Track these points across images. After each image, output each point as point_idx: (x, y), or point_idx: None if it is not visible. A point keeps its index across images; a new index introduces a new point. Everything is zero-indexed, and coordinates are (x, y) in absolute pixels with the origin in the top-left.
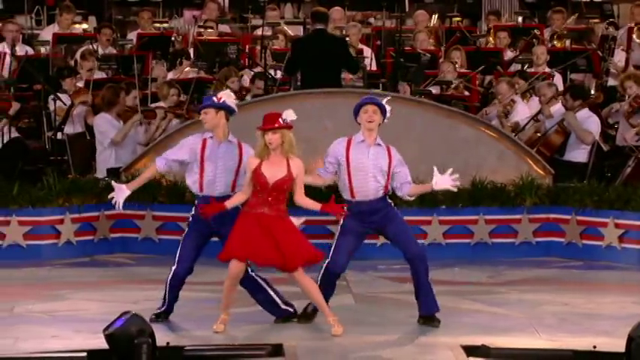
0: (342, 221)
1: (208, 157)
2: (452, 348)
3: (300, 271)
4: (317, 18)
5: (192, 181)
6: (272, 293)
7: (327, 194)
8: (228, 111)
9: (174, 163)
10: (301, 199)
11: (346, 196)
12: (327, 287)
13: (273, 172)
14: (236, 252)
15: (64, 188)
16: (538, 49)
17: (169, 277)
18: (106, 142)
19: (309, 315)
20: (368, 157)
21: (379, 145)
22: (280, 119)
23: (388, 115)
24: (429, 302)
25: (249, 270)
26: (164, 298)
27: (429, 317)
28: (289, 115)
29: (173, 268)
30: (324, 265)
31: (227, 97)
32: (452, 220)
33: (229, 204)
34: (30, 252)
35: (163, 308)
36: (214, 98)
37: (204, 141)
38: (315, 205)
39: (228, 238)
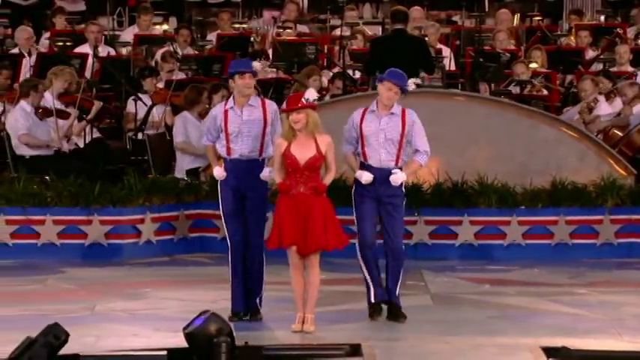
0: (354, 188)
1: (232, 125)
2: (532, 349)
3: (317, 255)
4: (396, 18)
5: (220, 147)
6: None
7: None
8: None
9: (215, 133)
10: (329, 179)
11: (360, 157)
12: (371, 265)
13: (303, 152)
14: (285, 241)
15: (145, 188)
16: (621, 48)
17: (230, 254)
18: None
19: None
20: (379, 126)
21: (392, 113)
22: (303, 99)
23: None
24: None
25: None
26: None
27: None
28: (311, 94)
29: (228, 243)
30: (357, 243)
31: (258, 67)
32: (531, 220)
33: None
34: (111, 251)
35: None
36: (253, 64)
37: (226, 112)
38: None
39: (275, 226)
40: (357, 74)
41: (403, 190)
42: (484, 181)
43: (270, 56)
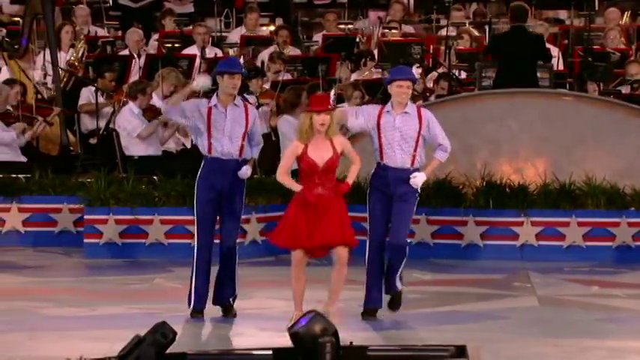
0: (369, 189)
1: (215, 123)
2: None
3: (346, 251)
4: (516, 15)
5: (201, 144)
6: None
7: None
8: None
9: (192, 116)
10: (353, 174)
11: (377, 159)
12: (377, 264)
13: (321, 154)
14: (293, 241)
15: (250, 188)
16: None
17: (195, 256)
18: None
19: None
20: (394, 125)
21: (406, 112)
22: (331, 100)
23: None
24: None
25: None
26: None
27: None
28: (332, 95)
29: (195, 244)
30: (367, 243)
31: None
32: None
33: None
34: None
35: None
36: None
37: (210, 109)
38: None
39: (282, 223)
40: (463, 74)
41: (419, 189)
42: (592, 182)
43: (376, 57)
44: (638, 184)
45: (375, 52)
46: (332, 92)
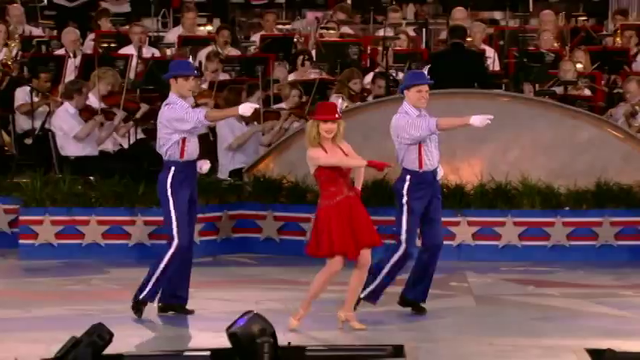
0: (405, 198)
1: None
2: (576, 352)
3: (369, 253)
4: (454, 33)
5: (173, 151)
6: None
7: None
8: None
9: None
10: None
11: (412, 166)
12: (398, 270)
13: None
14: (336, 248)
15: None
16: None
17: (171, 253)
18: (230, 140)
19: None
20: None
21: (425, 114)
22: (338, 109)
23: None
24: (424, 291)
25: None
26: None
27: (415, 303)
28: (340, 104)
29: (175, 243)
30: (401, 251)
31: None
32: (576, 222)
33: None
34: (155, 251)
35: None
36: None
37: None
38: (361, 162)
39: (320, 233)
40: (400, 75)
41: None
42: (527, 182)
43: (314, 57)
44: (572, 184)
45: (313, 52)
46: (340, 101)
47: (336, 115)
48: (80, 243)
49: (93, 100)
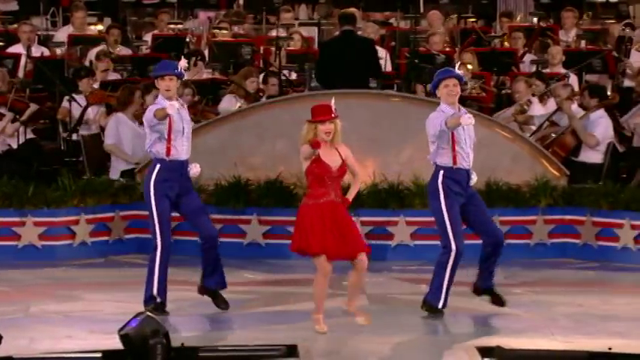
0: (442, 195)
1: (176, 126)
2: (466, 349)
3: (365, 257)
4: (345, 19)
5: (158, 149)
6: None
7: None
8: (181, 79)
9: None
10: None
11: (445, 163)
12: (456, 269)
13: (332, 160)
14: (314, 248)
15: (79, 189)
16: (554, 49)
17: (159, 254)
18: (123, 138)
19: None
20: (462, 126)
21: (465, 112)
22: (333, 109)
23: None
24: (489, 280)
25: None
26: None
27: (492, 291)
28: (334, 103)
29: (159, 243)
30: (453, 254)
31: (183, 66)
32: None
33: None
34: (45, 253)
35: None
36: (180, 67)
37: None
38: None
39: (300, 232)
40: (294, 75)
41: None
42: (420, 182)
43: (207, 57)
44: None
45: (206, 52)
46: (332, 100)
47: (333, 115)
48: None
49: None
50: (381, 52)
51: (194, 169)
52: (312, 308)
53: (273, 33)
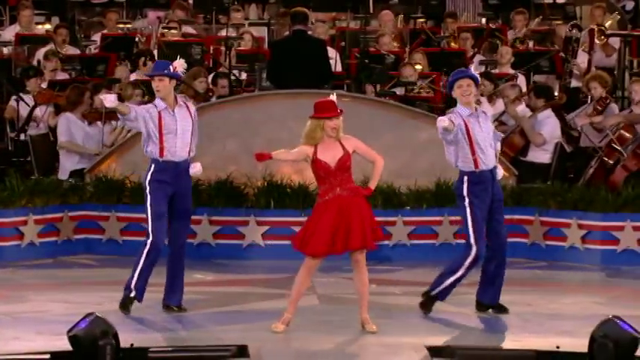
0: (467, 200)
1: (167, 127)
2: (416, 349)
3: (364, 254)
4: (296, 18)
5: (151, 149)
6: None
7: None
8: (178, 80)
9: (136, 122)
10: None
11: (468, 168)
12: (470, 271)
13: (332, 154)
14: (313, 248)
15: (27, 189)
16: (503, 49)
17: (147, 250)
18: (72, 138)
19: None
20: (480, 126)
21: (483, 112)
22: (337, 105)
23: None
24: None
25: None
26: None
27: (495, 306)
28: (336, 98)
29: (150, 240)
30: (473, 254)
31: (180, 66)
32: (416, 220)
33: (275, 155)
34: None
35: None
36: (170, 67)
37: (160, 113)
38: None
39: (306, 229)
40: (244, 75)
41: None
42: (368, 180)
43: (156, 57)
44: (413, 184)
45: (155, 51)
46: (333, 95)
47: (339, 110)
48: None
49: None
50: (331, 53)
51: (194, 169)
52: (262, 308)
53: (223, 33)
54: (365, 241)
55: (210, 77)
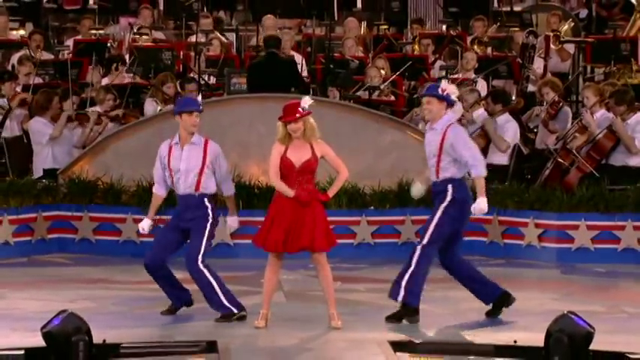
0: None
1: (173, 162)
2: (380, 343)
3: (324, 255)
4: (269, 43)
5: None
6: (218, 290)
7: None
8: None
9: (167, 179)
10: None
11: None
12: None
13: (299, 156)
14: (270, 244)
15: (2, 190)
16: (469, 54)
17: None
18: (44, 140)
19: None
20: (426, 140)
21: (434, 129)
22: (300, 109)
23: (454, 98)
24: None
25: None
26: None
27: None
28: (307, 102)
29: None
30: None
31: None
32: (380, 220)
33: (278, 187)
34: None
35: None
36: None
37: (170, 147)
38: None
39: (263, 226)
40: (213, 79)
41: (447, 187)
42: (330, 181)
43: (127, 61)
44: (376, 185)
45: (127, 57)
46: (306, 99)
47: (297, 115)
48: None
49: None
50: (298, 58)
51: (228, 222)
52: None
53: (193, 38)
54: (313, 243)
55: (178, 83)
